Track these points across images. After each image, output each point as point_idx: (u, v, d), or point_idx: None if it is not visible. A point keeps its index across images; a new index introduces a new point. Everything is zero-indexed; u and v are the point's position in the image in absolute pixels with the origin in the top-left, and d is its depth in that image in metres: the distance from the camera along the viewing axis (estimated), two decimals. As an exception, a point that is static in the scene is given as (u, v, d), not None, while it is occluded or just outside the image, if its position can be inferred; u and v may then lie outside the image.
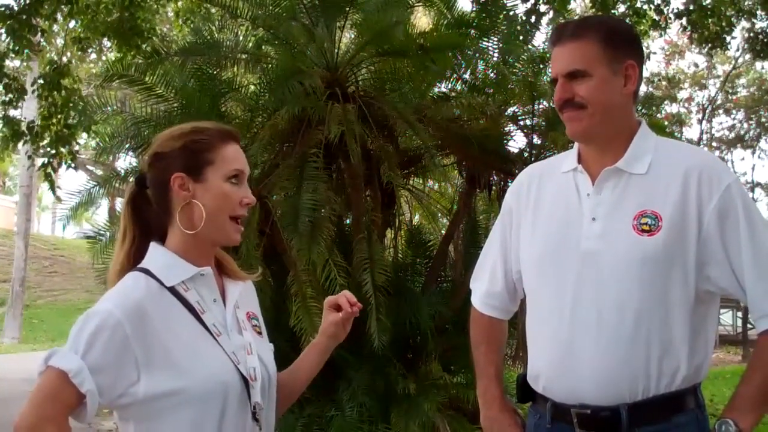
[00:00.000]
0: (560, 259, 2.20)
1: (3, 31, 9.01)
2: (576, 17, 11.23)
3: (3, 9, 8.83)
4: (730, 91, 26.08)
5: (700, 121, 25.79)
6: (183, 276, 1.91)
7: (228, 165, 1.95)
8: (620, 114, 2.19)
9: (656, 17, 11.51)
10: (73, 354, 1.73)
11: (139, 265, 1.93)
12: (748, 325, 16.55)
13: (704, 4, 11.19)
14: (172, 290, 1.88)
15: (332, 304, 2.20)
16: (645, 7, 11.10)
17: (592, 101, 2.14)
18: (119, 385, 1.78)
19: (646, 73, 2.37)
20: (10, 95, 9.41)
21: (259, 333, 2.09)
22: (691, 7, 11.31)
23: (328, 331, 2.22)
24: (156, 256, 1.94)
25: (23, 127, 9.44)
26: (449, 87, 8.32)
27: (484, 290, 2.53)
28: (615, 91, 2.16)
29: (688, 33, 12.13)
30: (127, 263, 1.96)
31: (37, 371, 1.76)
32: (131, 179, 2.12)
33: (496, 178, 7.87)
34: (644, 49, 2.35)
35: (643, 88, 2.38)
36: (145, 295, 1.84)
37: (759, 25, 12.52)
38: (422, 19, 10.69)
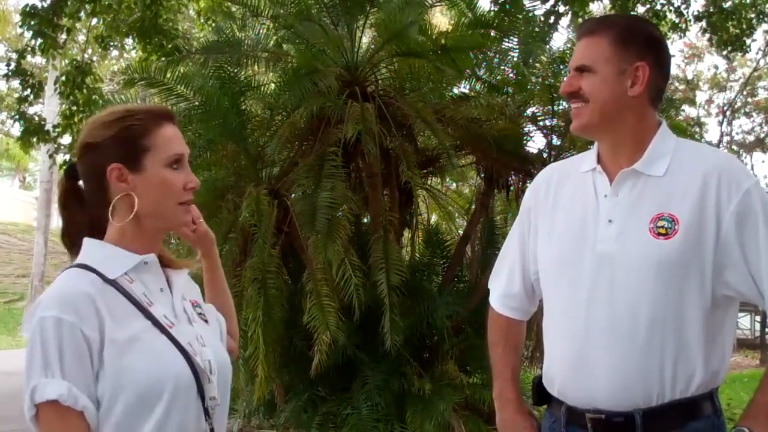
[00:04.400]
0: (576, 260, 2.18)
1: (26, 29, 9.08)
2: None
3: (28, 8, 8.90)
4: (747, 93, 25.88)
5: (720, 124, 25.62)
6: (126, 267, 1.76)
7: (166, 150, 1.80)
8: (625, 114, 2.16)
9: (676, 20, 11.46)
10: (51, 378, 1.60)
11: (75, 262, 1.78)
12: (767, 329, 16.45)
13: (724, 6, 11.13)
14: (114, 284, 1.73)
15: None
16: (665, 9, 11.06)
17: (593, 96, 2.13)
18: (93, 387, 1.66)
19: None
20: (27, 91, 9.47)
21: (206, 321, 1.96)
22: (711, 10, 11.26)
23: (203, 240, 2.15)
24: (92, 249, 1.79)
25: (33, 126, 9.45)
26: (468, 87, 8.32)
27: (502, 291, 2.52)
28: (618, 90, 2.14)
29: (708, 36, 12.05)
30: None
31: (28, 416, 1.62)
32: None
33: (514, 178, 7.87)
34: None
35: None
36: (89, 288, 1.69)
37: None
38: (440, 19, 10.68)
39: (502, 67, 7.97)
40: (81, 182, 1.85)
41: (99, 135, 1.79)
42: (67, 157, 9.64)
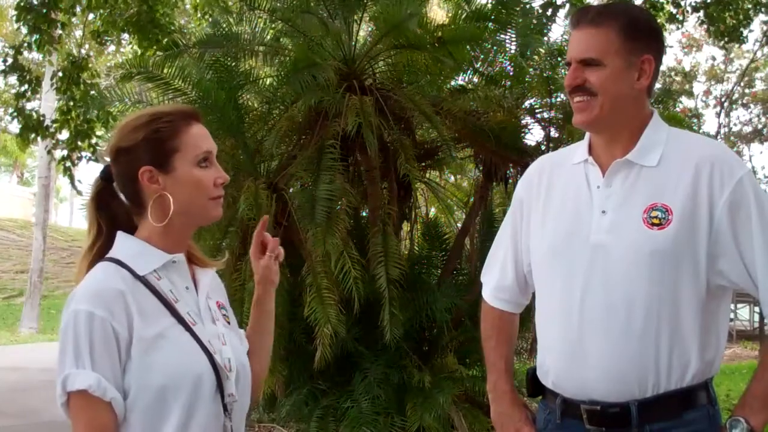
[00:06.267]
0: (570, 252, 2.18)
1: (22, 24, 9.07)
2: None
3: (22, 3, 8.88)
4: (745, 84, 25.87)
5: (717, 115, 25.61)
6: (155, 264, 1.85)
7: (195, 149, 1.88)
8: (630, 107, 2.17)
9: (673, 10, 11.46)
10: (82, 370, 1.69)
11: (107, 255, 1.87)
12: (765, 321, 16.45)
13: (721, -3, 11.13)
14: (143, 280, 1.82)
15: (257, 247, 2.14)
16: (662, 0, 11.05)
17: (602, 90, 2.12)
18: (121, 380, 1.75)
19: (662, 67, 2.31)
20: (25, 87, 9.46)
21: (229, 323, 2.03)
22: (708, 0, 11.25)
23: (264, 278, 2.15)
24: (125, 245, 1.88)
25: (32, 122, 9.43)
26: (466, 79, 8.32)
27: (495, 283, 2.52)
28: (627, 83, 2.14)
29: (705, 27, 12.04)
30: (94, 258, 1.90)
31: (59, 403, 1.73)
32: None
33: (512, 171, 7.85)
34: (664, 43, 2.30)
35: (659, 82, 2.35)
36: (121, 285, 1.78)
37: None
38: (437, 12, 10.68)
39: (500, 60, 7.96)
40: (116, 185, 1.95)
41: (129, 139, 1.87)
42: (65, 152, 9.64)
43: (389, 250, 6.59)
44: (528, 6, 8.34)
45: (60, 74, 9.50)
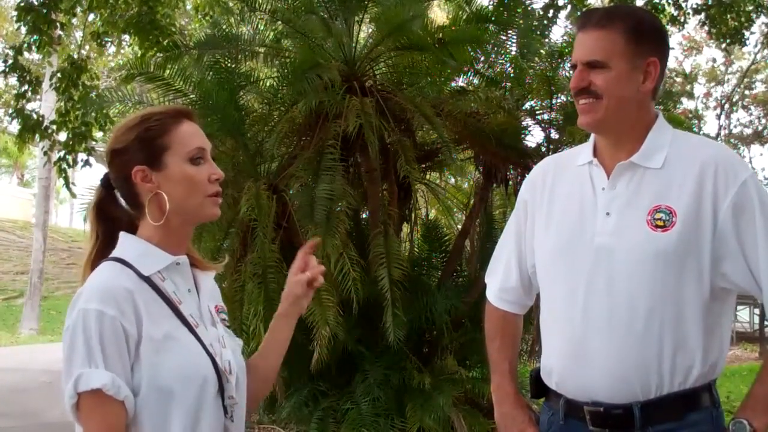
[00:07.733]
0: (573, 253, 2.18)
1: (22, 24, 9.07)
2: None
3: (22, 3, 8.87)
4: (744, 86, 25.87)
5: (717, 117, 25.63)
6: (159, 265, 1.85)
7: (185, 146, 1.89)
8: (635, 109, 2.17)
9: (675, 12, 11.46)
10: (95, 369, 1.68)
11: (111, 255, 1.87)
12: (766, 322, 16.44)
13: (723, -1, 11.13)
14: (148, 280, 1.82)
15: (298, 268, 2.12)
16: (663, 2, 11.05)
17: (607, 93, 2.11)
18: (131, 379, 1.74)
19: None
20: (25, 87, 9.45)
21: (228, 327, 2.03)
22: (710, 2, 11.25)
23: (292, 294, 2.11)
24: (128, 245, 1.88)
25: (31, 122, 9.41)
26: (467, 81, 8.32)
27: (499, 284, 2.51)
28: (632, 86, 2.13)
29: (706, 29, 12.05)
30: (95, 261, 1.89)
31: (68, 404, 1.70)
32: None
33: (513, 172, 7.84)
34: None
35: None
36: (129, 284, 1.78)
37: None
38: (438, 13, 10.68)
39: (500, 61, 7.96)
40: (116, 190, 1.96)
41: (122, 140, 1.89)
42: (63, 153, 9.62)
43: (391, 251, 6.59)
44: (529, 7, 8.34)
45: (59, 75, 9.48)
